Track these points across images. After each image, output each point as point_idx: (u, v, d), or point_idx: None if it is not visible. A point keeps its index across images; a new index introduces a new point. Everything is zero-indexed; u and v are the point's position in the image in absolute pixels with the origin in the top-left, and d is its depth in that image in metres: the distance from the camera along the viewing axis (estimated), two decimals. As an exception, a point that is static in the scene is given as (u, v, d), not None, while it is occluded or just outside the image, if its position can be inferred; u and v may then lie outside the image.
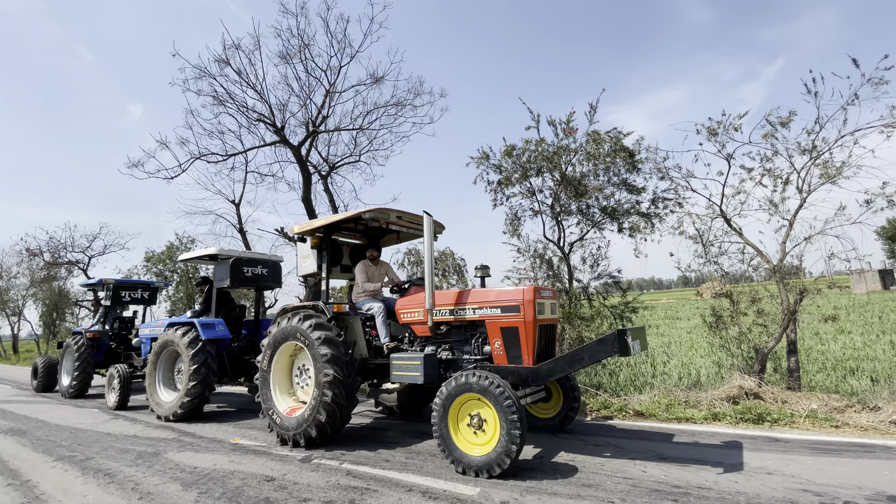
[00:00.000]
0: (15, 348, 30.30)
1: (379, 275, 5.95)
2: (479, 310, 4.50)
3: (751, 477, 3.44)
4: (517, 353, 4.26)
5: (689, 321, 17.31)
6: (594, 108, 6.98)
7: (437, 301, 4.76)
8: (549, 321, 4.54)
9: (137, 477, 4.27)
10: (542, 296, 4.38)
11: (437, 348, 4.87)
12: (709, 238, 6.69)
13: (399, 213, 5.43)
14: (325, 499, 3.49)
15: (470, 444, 3.94)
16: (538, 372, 4.07)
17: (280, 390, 5.38)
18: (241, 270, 7.69)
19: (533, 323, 4.20)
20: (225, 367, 7.53)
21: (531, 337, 4.20)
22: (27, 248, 21.95)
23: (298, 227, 5.67)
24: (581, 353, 3.97)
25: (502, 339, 4.35)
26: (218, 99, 11.78)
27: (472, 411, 3.97)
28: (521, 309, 4.24)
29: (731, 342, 6.57)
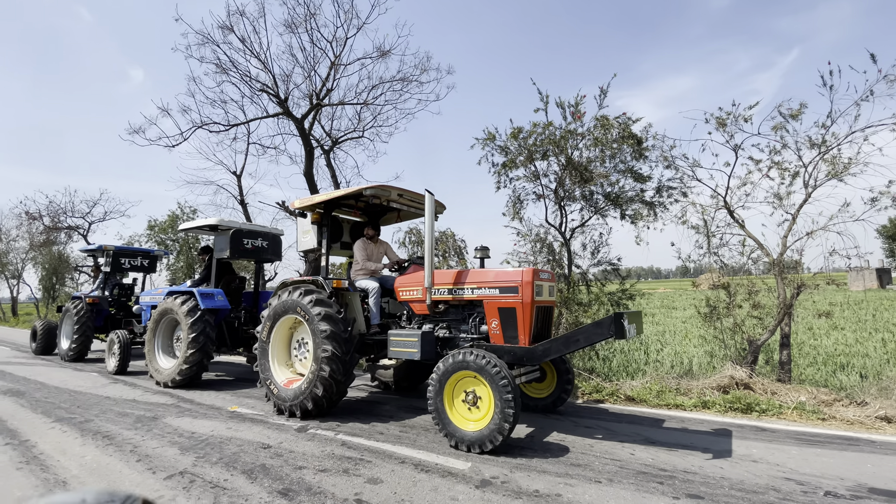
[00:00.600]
0: (14, 311, 30.53)
1: (378, 253, 5.96)
2: (478, 290, 4.56)
3: (736, 464, 3.52)
4: (514, 333, 4.33)
5: (685, 311, 17.44)
6: (604, 92, 6.88)
7: (436, 280, 4.82)
8: (547, 303, 4.61)
9: (136, 440, 4.36)
10: (540, 278, 4.43)
11: (434, 326, 4.93)
12: (711, 229, 6.68)
13: (400, 191, 5.40)
14: (320, 467, 3.57)
15: (464, 419, 4.04)
16: (534, 352, 4.16)
17: (278, 362, 5.47)
18: (241, 242, 7.72)
19: (531, 304, 4.26)
20: (223, 336, 7.63)
21: (528, 318, 4.27)
22: (27, 212, 21.90)
23: (299, 202, 5.68)
24: (577, 334, 4.02)
25: (499, 319, 4.41)
26: (221, 67, 11.59)
27: (467, 388, 4.07)
28: (519, 290, 4.29)
29: (724, 333, 6.63)
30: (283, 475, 3.43)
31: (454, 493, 3.07)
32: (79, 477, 3.48)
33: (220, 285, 7.90)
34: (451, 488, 3.16)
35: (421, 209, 5.83)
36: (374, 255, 5.91)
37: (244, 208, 14.86)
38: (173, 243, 17.82)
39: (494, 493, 3.06)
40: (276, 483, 3.29)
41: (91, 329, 9.86)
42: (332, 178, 13.20)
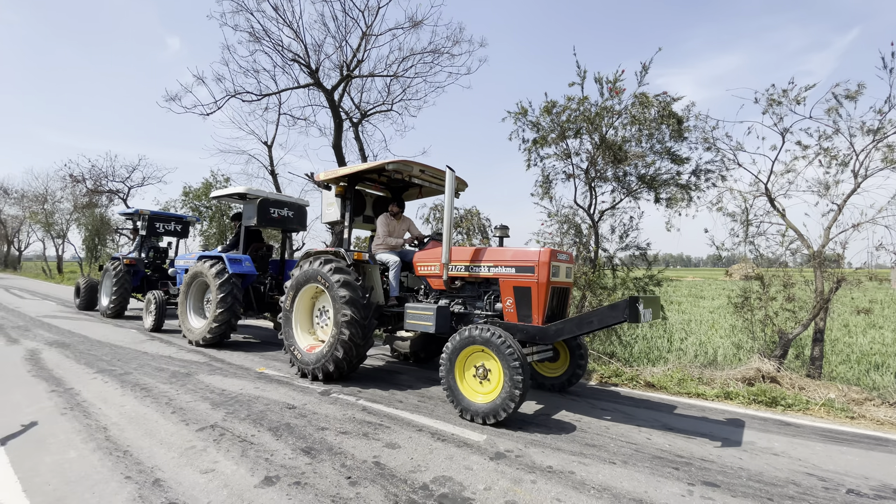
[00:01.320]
0: (59, 268, 32.38)
1: (400, 230, 6.04)
2: (494, 268, 4.60)
3: (756, 455, 3.47)
4: (528, 312, 4.37)
5: (713, 301, 16.99)
6: (646, 68, 6.57)
7: (454, 257, 4.89)
8: (563, 284, 4.62)
9: (171, 393, 4.63)
10: (557, 259, 4.43)
11: (450, 301, 5.03)
12: (748, 217, 6.42)
13: (422, 167, 5.41)
14: (341, 430, 3.72)
15: (474, 392, 4.16)
16: (547, 331, 4.19)
17: (301, 329, 5.71)
18: (267, 211, 7.97)
19: (546, 284, 4.28)
20: (250, 300, 7.96)
21: (543, 297, 4.29)
22: (71, 175, 22.91)
23: (324, 175, 5.78)
24: (591, 316, 4.03)
25: (514, 298, 4.45)
26: (254, 35, 11.63)
27: (477, 362, 4.17)
28: (535, 270, 4.31)
29: (754, 325, 6.45)
30: (306, 434, 3.59)
31: (469, 463, 3.16)
32: (118, 424, 3.73)
33: (248, 252, 8.18)
34: (466, 458, 3.24)
35: (442, 185, 5.86)
36: (397, 231, 5.98)
37: (274, 178, 15.13)
38: (206, 210, 18.37)
39: (508, 466, 3.12)
40: (299, 441, 3.45)
41: (128, 288, 10.43)
42: (360, 151, 13.25)
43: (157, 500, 2.57)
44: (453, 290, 5.03)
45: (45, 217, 30.33)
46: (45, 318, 9.97)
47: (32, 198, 32.64)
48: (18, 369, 5.39)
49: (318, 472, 2.96)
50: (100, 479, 2.78)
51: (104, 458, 3.07)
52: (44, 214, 30.55)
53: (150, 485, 2.74)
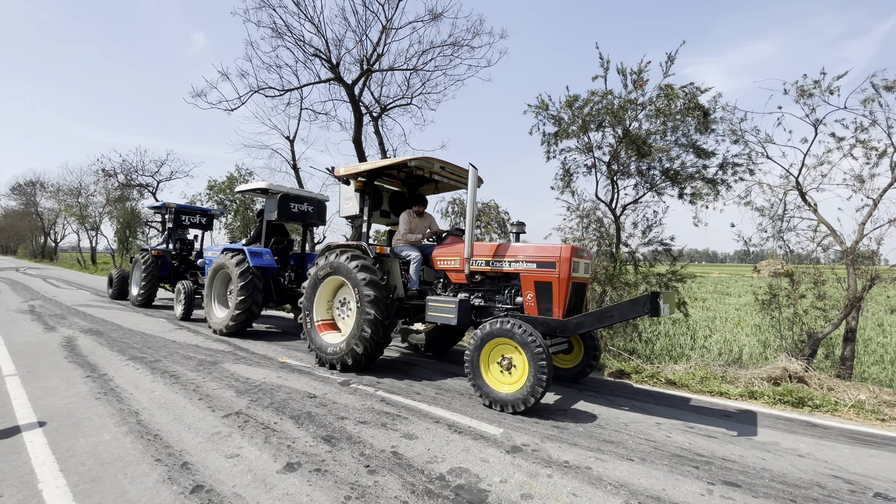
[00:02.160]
0: (93, 259, 33.70)
1: (422, 227, 6.14)
2: (515, 263, 4.74)
3: (780, 456, 3.40)
4: (548, 305, 4.50)
5: (740, 298, 16.56)
6: (672, 58, 6.40)
7: (475, 252, 5.02)
8: (582, 280, 4.78)
9: (198, 381, 4.79)
10: (578, 255, 4.57)
11: (470, 295, 5.14)
12: (778, 211, 6.22)
13: (443, 164, 5.46)
14: (360, 419, 3.79)
15: (498, 381, 4.30)
16: (567, 325, 4.31)
17: (321, 319, 5.87)
18: (288, 206, 8.21)
19: (567, 279, 4.41)
20: (271, 292, 8.15)
21: (563, 292, 4.42)
22: (103, 169, 23.76)
23: (344, 170, 5.88)
24: (612, 310, 4.11)
25: (535, 292, 4.59)
26: (276, 31, 11.78)
27: (504, 354, 4.30)
28: (557, 266, 4.45)
29: (782, 323, 6.27)
30: (326, 423, 3.68)
31: (485, 456, 3.18)
32: (149, 409, 3.89)
33: (270, 245, 8.44)
34: (483, 451, 3.27)
35: (460, 182, 5.99)
36: (419, 228, 6.10)
37: (296, 172, 15.37)
38: (231, 203, 18.81)
39: (524, 460, 3.14)
40: (320, 430, 3.54)
41: (157, 279, 10.82)
42: (380, 145, 13.32)
43: (185, 482, 2.68)
44: (474, 284, 5.13)
45: (80, 210, 31.58)
46: (80, 307, 10.42)
47: (67, 191, 34.02)
48: (56, 356, 5.67)
49: (337, 459, 3.03)
50: (132, 461, 2.92)
51: (136, 442, 3.22)
52: (78, 207, 31.81)
53: (179, 468, 2.86)
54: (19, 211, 47.73)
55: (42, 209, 43.68)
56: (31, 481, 2.64)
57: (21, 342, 6.37)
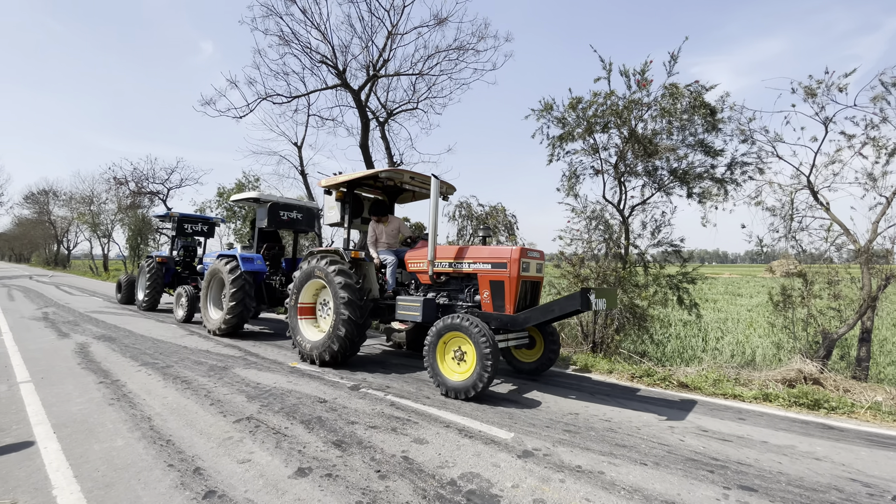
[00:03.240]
0: (105, 266, 34.13)
1: (389, 232, 6.47)
2: (474, 264, 5.19)
3: (796, 460, 3.34)
4: (501, 302, 4.93)
5: (752, 299, 16.35)
6: (675, 57, 6.38)
7: (439, 254, 5.47)
8: (534, 278, 5.18)
9: (209, 386, 4.82)
10: (528, 256, 4.99)
11: (436, 294, 5.58)
12: (789, 211, 6.15)
13: (412, 174, 5.90)
14: (371, 424, 3.79)
15: (451, 371, 4.75)
16: (517, 319, 4.73)
17: (307, 327, 6.31)
18: (277, 214, 8.78)
19: (517, 278, 4.84)
20: (262, 295, 8.68)
21: (514, 290, 4.85)
22: (115, 177, 24.08)
23: (325, 181, 6.32)
24: (553, 305, 4.58)
25: (490, 291, 5.02)
26: (284, 39, 11.90)
27: (455, 347, 4.76)
28: (507, 266, 4.88)
29: (796, 324, 6.18)
30: (336, 428, 3.68)
31: (496, 461, 3.16)
32: (161, 415, 3.92)
33: (262, 251, 8.96)
34: (494, 455, 3.25)
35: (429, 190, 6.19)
36: (385, 234, 6.45)
37: (304, 178, 15.46)
38: (240, 210, 18.98)
39: (536, 465, 3.11)
40: (330, 434, 3.54)
41: (161, 284, 11.28)
42: (387, 150, 13.37)
43: (197, 487, 2.70)
44: (439, 285, 5.59)
45: (92, 218, 32.03)
46: (92, 314, 10.55)
47: (80, 199, 34.53)
48: (69, 362, 5.74)
49: (348, 464, 3.03)
50: (145, 467, 2.94)
51: (149, 447, 3.24)
52: (90, 215, 32.27)
53: (191, 473, 2.87)
54: (32, 219, 48.55)
55: (55, 217, 44.36)
56: (46, 487, 2.66)
57: (35, 349, 6.46)
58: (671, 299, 6.98)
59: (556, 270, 7.81)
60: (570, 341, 7.65)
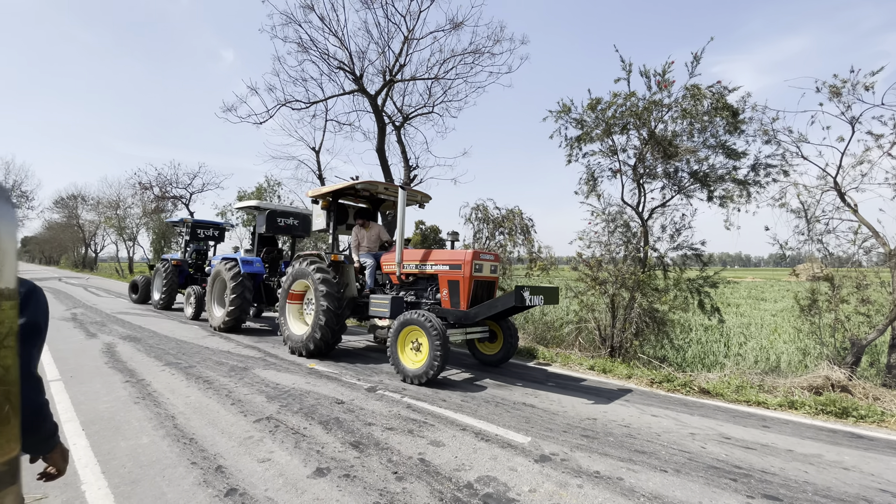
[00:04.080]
0: (131, 269, 35.10)
1: (370, 237, 7.08)
2: (435, 266, 5.81)
3: (823, 469, 3.24)
4: (457, 299, 5.55)
5: (776, 303, 15.90)
6: (697, 58, 6.27)
7: (406, 258, 6.09)
8: (487, 278, 5.77)
9: (230, 386, 4.92)
10: (481, 258, 5.60)
11: (405, 293, 6.20)
12: (815, 213, 5.98)
13: (386, 185, 6.61)
14: (387, 426, 3.81)
15: (409, 360, 5.35)
16: (469, 314, 5.40)
17: (292, 315, 7.06)
18: (275, 220, 9.54)
19: (470, 278, 5.47)
20: (261, 295, 9.45)
21: (467, 288, 5.48)
22: (140, 182, 24.79)
23: (312, 192, 7.03)
24: (496, 302, 5.25)
25: (448, 289, 5.65)
26: (302, 46, 12.11)
27: (413, 339, 5.37)
28: (462, 267, 5.50)
29: (823, 330, 5.99)
30: (354, 429, 3.72)
31: (513, 465, 3.15)
32: (184, 413, 4.01)
33: (262, 254, 9.76)
34: (511, 459, 3.24)
35: (410, 198, 6.93)
36: (366, 239, 7.06)
37: (322, 183, 15.67)
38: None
39: (553, 469, 3.09)
40: (348, 435, 3.58)
41: (175, 285, 12.12)
42: (402, 153, 13.47)
43: (219, 485, 2.75)
44: (408, 284, 6.23)
45: (118, 221, 33.03)
46: (118, 315, 10.86)
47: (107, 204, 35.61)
48: (97, 361, 5.92)
49: (366, 465, 3.06)
50: (169, 464, 3.02)
51: (173, 445, 3.32)
52: (117, 219, 33.27)
53: (214, 471, 2.93)
54: (62, 223, 50.24)
55: (83, 221, 45.84)
56: (75, 482, 2.75)
57: (65, 348, 6.68)
58: (692, 303, 6.84)
59: (573, 273, 7.74)
60: (588, 346, 7.56)
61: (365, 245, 7.00)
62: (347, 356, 6.74)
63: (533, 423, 4.01)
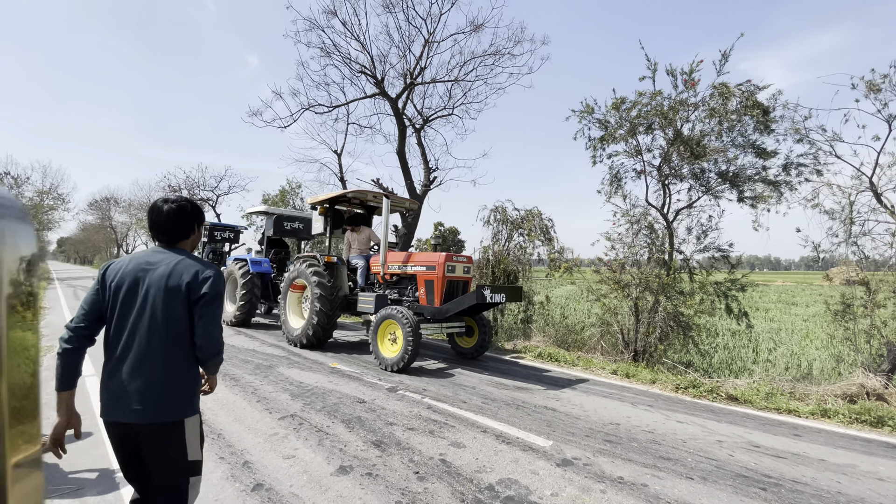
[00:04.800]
0: (160, 268, 36.14)
1: (361, 240, 7.65)
2: (415, 267, 6.46)
3: (857, 480, 3.12)
4: (432, 297, 6.19)
5: (808, 308, 15.36)
6: (726, 56, 6.13)
7: (390, 259, 6.77)
8: (461, 278, 6.42)
9: (256, 383, 5.04)
10: (453, 260, 6.28)
11: (389, 291, 6.84)
12: (849, 214, 5.76)
13: (374, 194, 7.42)
14: (409, 426, 3.84)
15: (387, 350, 6.04)
16: (441, 310, 6.04)
17: (291, 310, 7.79)
18: (282, 224, 10.47)
19: (443, 278, 6.12)
20: (269, 293, 10.08)
21: (440, 287, 6.13)
22: (169, 185, 25.59)
23: (311, 199, 7.81)
24: (463, 299, 5.89)
25: (424, 288, 6.29)
26: (325, 51, 12.32)
27: (391, 331, 6.04)
28: (436, 268, 6.14)
29: (858, 336, 5.76)
30: (376, 428, 3.76)
31: (535, 468, 3.13)
32: (212, 409, 4.13)
33: (270, 255, 10.49)
34: (532, 463, 3.22)
35: (398, 205, 7.92)
36: (357, 241, 7.63)
37: (343, 185, 15.88)
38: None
39: (576, 474, 3.06)
40: (370, 434, 3.62)
41: None
42: (422, 156, 13.54)
43: (246, 480, 2.83)
44: (392, 283, 6.86)
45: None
46: (149, 313, 11.24)
47: (138, 206, 36.89)
48: (130, 357, 6.13)
49: (387, 464, 3.09)
50: (199, 458, 3.11)
51: (202, 440, 3.42)
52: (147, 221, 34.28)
53: (241, 466, 3.01)
54: (96, 224, 52.26)
55: (115, 223, 47.58)
56: (109, 475, 2.87)
57: (100, 341, 6.94)
58: (719, 307, 6.67)
59: (595, 276, 7.64)
60: (611, 349, 7.45)
61: (356, 247, 7.56)
62: (368, 355, 6.84)
63: (554, 427, 3.98)
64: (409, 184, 13.28)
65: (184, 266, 1.78)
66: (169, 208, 1.84)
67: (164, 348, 1.73)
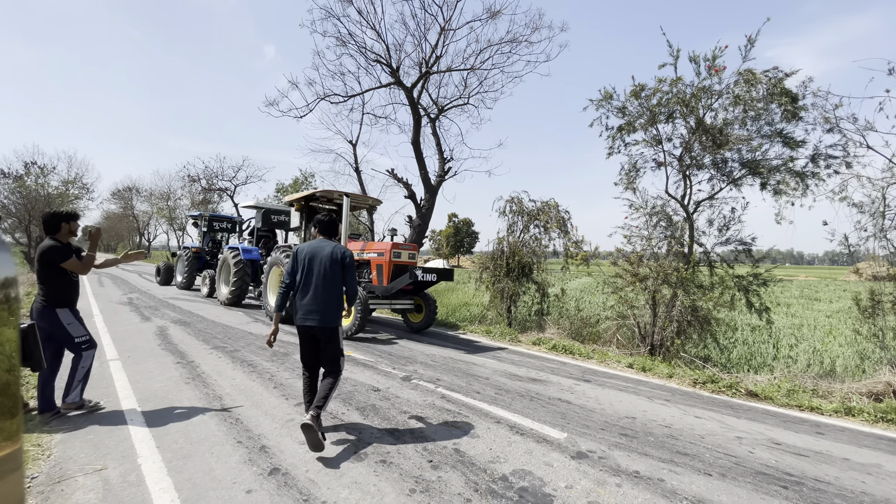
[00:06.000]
0: (180, 256, 37.00)
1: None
2: (369, 254, 7.87)
3: (882, 480, 3.03)
4: (381, 278, 7.51)
5: (832, 304, 14.92)
6: (752, 41, 5.90)
7: (354, 248, 7.97)
8: (407, 263, 7.71)
9: (273, 370, 5.12)
10: (399, 248, 7.62)
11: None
12: (880, 207, 5.54)
13: (340, 193, 8.14)
14: (422, 415, 3.86)
15: (345, 320, 6.99)
16: (387, 288, 7.28)
17: (271, 292, 8.85)
18: (269, 217, 11.99)
19: (389, 262, 7.46)
20: (258, 277, 11.01)
21: (387, 270, 7.48)
22: (188, 175, 26.02)
23: (287, 198, 8.66)
24: (404, 278, 6.97)
25: (376, 272, 7.65)
26: (341, 40, 12.30)
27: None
28: (385, 254, 7.51)
29: (885, 332, 5.57)
30: (390, 416, 3.79)
31: (549, 460, 3.12)
32: (230, 395, 4.21)
33: (260, 245, 11.83)
34: (546, 454, 3.20)
35: (361, 202, 8.82)
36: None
37: (358, 175, 15.93)
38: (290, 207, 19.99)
39: (591, 467, 3.04)
40: (384, 422, 3.65)
41: (194, 269, 14.51)
42: (437, 146, 13.47)
43: (263, 464, 2.88)
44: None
45: (169, 212, 34.85)
46: (170, 300, 11.49)
47: (158, 196, 37.67)
48: (151, 343, 6.29)
49: (401, 452, 3.11)
50: (217, 442, 3.17)
51: (220, 424, 3.49)
52: (167, 210, 35.11)
53: (258, 450, 3.06)
54: (118, 213, 53.55)
55: (137, 212, 48.67)
56: (132, 455, 2.94)
57: (122, 330, 7.14)
58: (739, 301, 6.51)
59: (612, 269, 7.53)
60: (627, 343, 7.36)
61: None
62: (382, 344, 6.89)
63: (569, 419, 3.96)
64: (424, 174, 13.24)
65: (337, 248, 3.42)
66: (330, 219, 3.59)
67: (329, 290, 3.32)
